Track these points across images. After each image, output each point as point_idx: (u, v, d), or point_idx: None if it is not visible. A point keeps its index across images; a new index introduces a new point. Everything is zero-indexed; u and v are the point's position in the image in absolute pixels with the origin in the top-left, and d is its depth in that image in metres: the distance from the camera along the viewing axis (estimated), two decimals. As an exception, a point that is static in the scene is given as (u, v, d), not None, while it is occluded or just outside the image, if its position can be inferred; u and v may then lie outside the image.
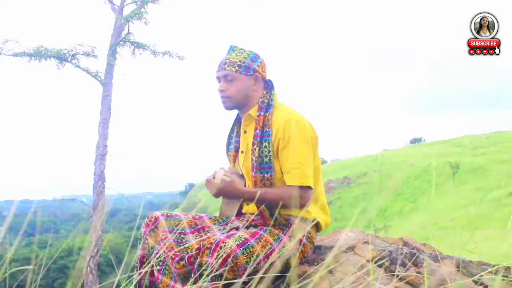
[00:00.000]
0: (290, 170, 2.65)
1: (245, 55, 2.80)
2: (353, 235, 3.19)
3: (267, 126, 2.73)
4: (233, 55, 2.80)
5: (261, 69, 2.84)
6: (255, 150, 2.73)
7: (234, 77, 2.77)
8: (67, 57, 10.93)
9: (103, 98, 11.11)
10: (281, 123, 2.69)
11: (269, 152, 2.69)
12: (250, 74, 2.79)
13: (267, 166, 2.70)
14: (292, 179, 2.64)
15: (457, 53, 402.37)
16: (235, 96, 2.79)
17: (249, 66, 2.78)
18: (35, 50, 10.77)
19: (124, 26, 11.33)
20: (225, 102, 2.82)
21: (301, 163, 2.64)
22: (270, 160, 2.69)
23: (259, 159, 2.71)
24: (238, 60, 2.77)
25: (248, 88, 2.79)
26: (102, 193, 10.58)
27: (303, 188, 2.64)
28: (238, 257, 2.37)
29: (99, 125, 10.94)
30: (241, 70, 2.77)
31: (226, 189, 2.68)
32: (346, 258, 2.74)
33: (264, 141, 2.71)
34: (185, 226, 2.77)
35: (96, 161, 10.75)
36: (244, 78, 2.78)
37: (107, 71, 11.20)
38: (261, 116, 2.77)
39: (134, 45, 11.39)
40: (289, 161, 2.66)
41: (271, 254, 2.54)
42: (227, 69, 2.77)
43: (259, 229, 2.63)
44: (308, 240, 2.75)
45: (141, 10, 11.18)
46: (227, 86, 2.78)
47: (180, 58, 11.66)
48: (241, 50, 2.82)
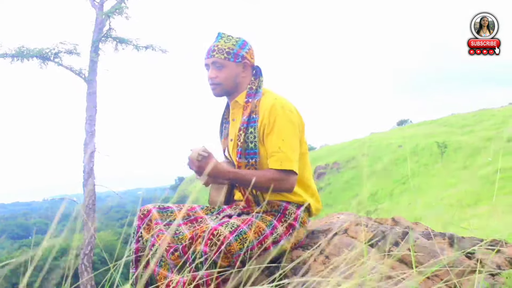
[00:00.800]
0: (273, 153, 2.65)
1: (234, 42, 2.80)
2: (345, 217, 3.21)
3: (254, 112, 2.73)
4: (221, 42, 2.79)
5: (250, 56, 2.84)
6: (241, 136, 2.73)
7: (223, 64, 2.76)
8: (49, 56, 10.87)
9: (88, 95, 11.06)
10: (267, 108, 2.69)
11: (255, 138, 2.70)
12: (238, 61, 2.79)
13: (252, 152, 2.71)
14: (274, 162, 2.64)
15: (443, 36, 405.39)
16: (224, 83, 2.79)
17: (238, 53, 2.78)
18: (16, 51, 10.71)
19: (105, 22, 11.28)
20: (215, 89, 2.81)
21: (284, 147, 2.64)
22: (255, 146, 2.70)
23: (244, 144, 2.72)
24: (226, 47, 2.77)
25: (237, 75, 2.80)
26: (92, 191, 10.56)
27: (286, 172, 2.63)
28: (231, 244, 2.39)
29: (85, 122, 10.91)
30: (230, 57, 2.76)
31: (206, 166, 2.60)
32: (340, 241, 2.76)
33: (250, 127, 2.71)
34: (178, 218, 2.77)
35: (85, 158, 10.72)
36: (233, 65, 2.78)
37: (91, 68, 11.15)
38: (249, 103, 2.77)
39: (116, 40, 11.35)
40: (273, 145, 2.65)
41: (264, 240, 2.55)
42: (216, 56, 2.76)
43: (251, 216, 2.64)
44: (301, 225, 2.76)
45: (122, 5, 11.14)
46: (217, 73, 2.78)
47: (163, 51, 11.64)
48: (229, 37, 2.82)
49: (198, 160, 2.59)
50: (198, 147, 2.62)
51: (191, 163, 2.64)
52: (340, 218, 3.28)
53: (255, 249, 2.49)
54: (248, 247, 2.47)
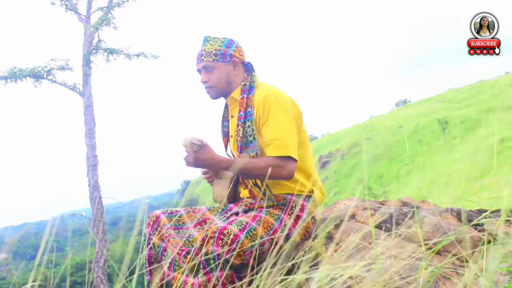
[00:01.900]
0: (270, 141, 2.66)
1: (220, 43, 2.82)
2: (352, 203, 3.22)
3: (249, 106, 2.76)
4: (208, 45, 2.82)
5: (238, 53, 2.86)
6: (239, 131, 2.76)
7: (212, 66, 2.79)
8: (42, 74, 10.88)
9: (85, 109, 11.08)
10: (260, 99, 2.72)
11: (253, 131, 2.72)
12: (227, 60, 2.81)
13: (252, 145, 2.73)
14: (272, 150, 2.65)
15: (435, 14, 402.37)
16: (217, 85, 2.82)
17: (225, 52, 2.81)
18: (9, 72, 10.72)
19: (94, 34, 11.29)
20: (210, 92, 2.85)
21: (281, 134, 2.65)
22: (254, 138, 2.72)
23: (243, 139, 2.74)
24: (213, 49, 2.79)
25: (228, 74, 2.82)
26: (99, 204, 10.58)
27: (284, 159, 2.63)
28: (242, 241, 2.41)
29: (85, 136, 10.93)
30: (218, 58, 2.79)
31: (204, 157, 2.63)
32: (348, 226, 2.78)
33: (248, 120, 2.74)
34: (186, 221, 2.81)
35: (89, 172, 10.74)
36: (222, 66, 2.81)
37: (84, 81, 11.17)
38: (244, 98, 2.79)
39: (107, 51, 11.36)
40: (269, 134, 2.66)
41: (273, 234, 2.57)
42: (204, 60, 2.80)
43: (258, 212, 2.66)
44: (308, 215, 2.78)
45: (108, 16, 11.14)
46: (208, 77, 2.81)
47: (155, 57, 11.66)
48: (215, 38, 2.84)
49: (194, 151, 2.61)
50: (189, 136, 2.63)
51: (188, 155, 2.65)
52: (347, 204, 3.29)
53: (266, 244, 2.52)
54: (259, 243, 2.48)
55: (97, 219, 10.52)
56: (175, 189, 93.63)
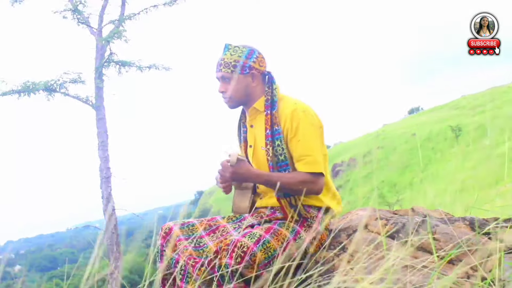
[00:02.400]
0: (301, 158, 2.66)
1: (240, 53, 2.77)
2: (364, 213, 3.21)
3: (276, 124, 2.72)
4: (228, 54, 2.77)
5: (258, 64, 2.81)
6: (269, 150, 2.72)
7: (230, 77, 2.76)
8: (55, 87, 10.92)
9: (98, 121, 11.11)
10: (288, 114, 2.70)
11: (283, 150, 2.69)
12: (246, 72, 2.77)
13: (284, 164, 2.70)
14: (304, 166, 2.65)
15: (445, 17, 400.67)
16: (235, 96, 2.79)
17: (244, 64, 2.75)
18: (22, 86, 10.76)
19: (106, 47, 11.32)
20: (228, 102, 2.83)
21: (312, 150, 2.65)
22: (285, 157, 2.70)
23: (274, 158, 2.71)
24: (232, 60, 2.75)
25: (246, 86, 2.79)
26: (113, 215, 10.60)
27: (316, 175, 2.65)
28: (255, 254, 2.41)
29: (98, 148, 10.95)
30: (236, 69, 2.74)
31: (241, 171, 2.63)
32: (361, 237, 2.77)
33: (276, 139, 2.71)
34: (199, 230, 2.80)
35: (102, 184, 10.76)
36: (240, 78, 2.76)
37: (97, 94, 11.20)
38: (269, 115, 2.75)
39: (119, 64, 11.38)
40: (299, 150, 2.66)
41: (287, 247, 2.56)
42: (223, 71, 2.76)
43: (273, 224, 2.65)
44: (324, 228, 2.79)
45: (120, 29, 11.18)
46: (226, 87, 2.78)
47: (167, 69, 11.65)
48: (236, 48, 2.78)
49: (232, 166, 2.61)
50: (235, 152, 2.63)
51: (225, 168, 2.65)
52: (360, 214, 3.28)
53: (279, 257, 2.50)
54: (273, 255, 2.49)
55: (110, 231, 10.54)
56: (189, 199, 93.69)
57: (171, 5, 11.65)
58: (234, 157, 2.61)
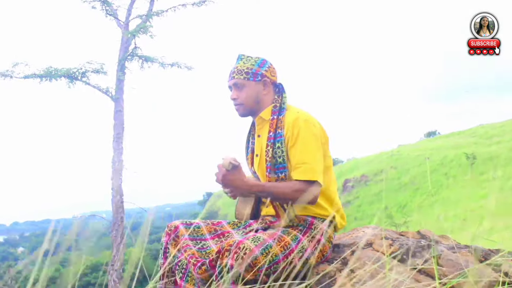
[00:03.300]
0: (298, 166, 2.67)
1: (252, 62, 2.85)
2: (370, 231, 3.21)
3: (279, 128, 2.77)
4: (241, 63, 2.85)
5: (270, 74, 2.87)
6: (268, 151, 2.76)
7: (243, 84, 2.82)
8: (77, 75, 11.01)
9: (115, 113, 11.18)
10: (290, 122, 2.73)
11: (282, 152, 2.72)
12: (258, 79, 2.83)
13: (281, 167, 2.73)
14: (299, 174, 2.66)
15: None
16: (246, 103, 2.84)
17: (257, 72, 2.82)
18: (45, 71, 10.86)
19: (131, 41, 11.40)
20: (238, 109, 2.87)
21: (308, 158, 2.66)
22: (283, 160, 2.72)
23: (273, 160, 2.74)
24: (245, 68, 2.82)
25: (257, 93, 2.84)
26: (120, 208, 10.64)
27: (311, 183, 2.64)
28: (257, 257, 2.41)
29: (113, 140, 11.01)
30: (249, 76, 2.81)
31: (233, 177, 2.63)
32: (365, 255, 2.77)
33: (277, 142, 2.74)
34: (205, 233, 2.81)
35: (113, 176, 10.81)
36: (252, 84, 2.82)
37: (117, 86, 11.28)
38: (274, 119, 2.81)
39: (142, 58, 11.46)
40: (297, 157, 2.68)
41: (289, 254, 2.57)
42: (235, 78, 2.83)
43: (277, 230, 2.66)
44: (327, 239, 2.78)
45: (146, 24, 11.26)
46: (238, 94, 2.84)
47: (189, 68, 11.71)
48: (249, 57, 2.88)
49: (227, 170, 2.62)
50: (229, 156, 2.65)
51: (219, 172, 2.66)
52: (366, 231, 3.28)
53: (280, 263, 2.51)
54: (274, 261, 2.49)
55: (117, 222, 10.58)
56: (197, 199, 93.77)
57: (199, 6, 11.72)
58: (227, 161, 2.62)
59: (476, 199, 29.33)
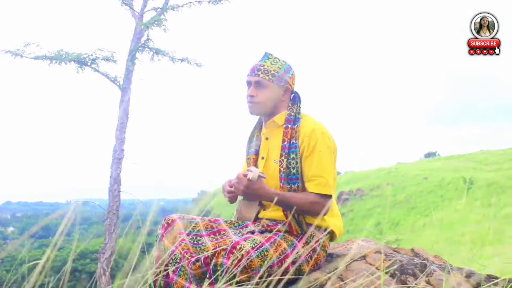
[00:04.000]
0: (313, 178, 2.71)
1: (280, 65, 2.85)
2: (365, 244, 3.23)
3: (294, 138, 2.78)
4: (268, 63, 2.84)
5: (292, 81, 2.89)
6: (283, 161, 2.77)
7: (266, 85, 2.81)
8: (87, 61, 11.01)
9: (121, 102, 11.18)
10: (307, 132, 2.75)
11: (297, 164, 2.74)
12: (281, 85, 2.84)
13: (294, 178, 2.75)
14: (315, 187, 2.69)
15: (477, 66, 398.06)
16: (263, 103, 2.83)
17: (282, 77, 2.83)
18: (55, 54, 10.86)
19: (144, 32, 11.40)
20: (252, 107, 2.86)
21: (324, 172, 2.70)
22: (297, 171, 2.74)
23: (286, 170, 2.76)
24: (272, 69, 2.81)
25: (277, 97, 2.84)
26: (117, 197, 10.65)
27: (324, 197, 2.69)
28: (252, 259, 2.42)
29: (116, 129, 11.00)
30: (274, 79, 2.81)
31: (256, 187, 2.66)
32: (358, 267, 2.80)
33: (292, 152, 2.76)
34: (201, 229, 2.81)
35: (113, 164, 10.80)
36: (275, 88, 2.82)
37: (126, 76, 11.27)
38: (289, 129, 2.81)
39: (153, 51, 11.44)
40: (313, 170, 2.71)
41: (284, 259, 2.58)
42: (260, 76, 2.81)
43: (274, 234, 2.67)
44: (322, 248, 2.79)
45: (161, 17, 11.25)
46: (257, 92, 2.82)
47: (198, 65, 11.69)
48: (276, 59, 2.87)
49: (249, 180, 2.63)
50: (256, 169, 2.66)
51: (240, 181, 2.67)
52: (360, 244, 3.30)
53: (274, 267, 2.52)
54: (268, 264, 2.49)
55: (111, 211, 10.59)
56: (191, 197, 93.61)
57: (215, 4, 11.71)
58: (256, 174, 2.64)
59: (468, 223, 29.33)
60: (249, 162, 3.04)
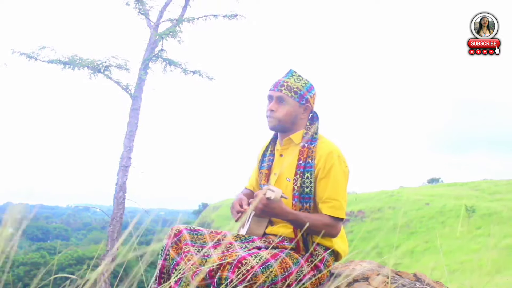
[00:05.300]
0: (328, 200, 2.75)
1: (303, 83, 2.90)
2: (368, 265, 3.25)
3: (310, 157, 2.81)
4: (292, 80, 2.89)
5: (312, 101, 2.93)
6: (297, 180, 2.80)
7: (287, 101, 2.85)
8: (100, 68, 11.09)
9: (132, 111, 11.24)
10: (323, 154, 2.79)
11: (310, 183, 2.78)
12: (302, 103, 2.88)
13: (307, 197, 2.78)
14: (329, 209, 2.73)
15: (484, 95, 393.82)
16: (283, 119, 2.86)
17: (304, 95, 2.87)
18: (69, 59, 10.96)
19: (158, 43, 11.49)
20: (271, 122, 2.89)
21: (338, 195, 2.75)
22: (310, 191, 2.78)
23: (300, 189, 2.79)
24: (295, 87, 2.86)
25: (297, 115, 2.88)
26: (121, 204, 10.66)
27: (337, 219, 2.74)
28: (257, 275, 2.44)
29: (125, 137, 11.05)
30: (296, 96, 2.85)
31: (274, 205, 2.68)
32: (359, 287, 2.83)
33: (307, 172, 2.79)
34: (207, 241, 2.81)
35: (119, 172, 10.83)
36: (296, 105, 2.86)
37: (138, 85, 11.35)
38: (306, 148, 2.85)
39: (166, 61, 11.51)
40: (328, 192, 2.75)
41: (288, 276, 2.60)
42: (283, 92, 2.85)
43: (279, 251, 2.70)
44: (326, 268, 2.82)
45: (176, 29, 11.35)
46: (278, 107, 2.86)
47: (210, 79, 11.74)
48: (299, 77, 2.92)
49: (268, 199, 2.65)
50: (278, 189, 2.69)
51: (260, 200, 2.66)
52: (363, 265, 3.32)
53: (278, 284, 2.54)
54: (273, 281, 2.52)
55: (115, 218, 10.60)
56: (192, 209, 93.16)
57: (230, 19, 11.80)
58: (278, 195, 2.66)
59: (468, 252, 29.23)
60: (261, 176, 3.07)
